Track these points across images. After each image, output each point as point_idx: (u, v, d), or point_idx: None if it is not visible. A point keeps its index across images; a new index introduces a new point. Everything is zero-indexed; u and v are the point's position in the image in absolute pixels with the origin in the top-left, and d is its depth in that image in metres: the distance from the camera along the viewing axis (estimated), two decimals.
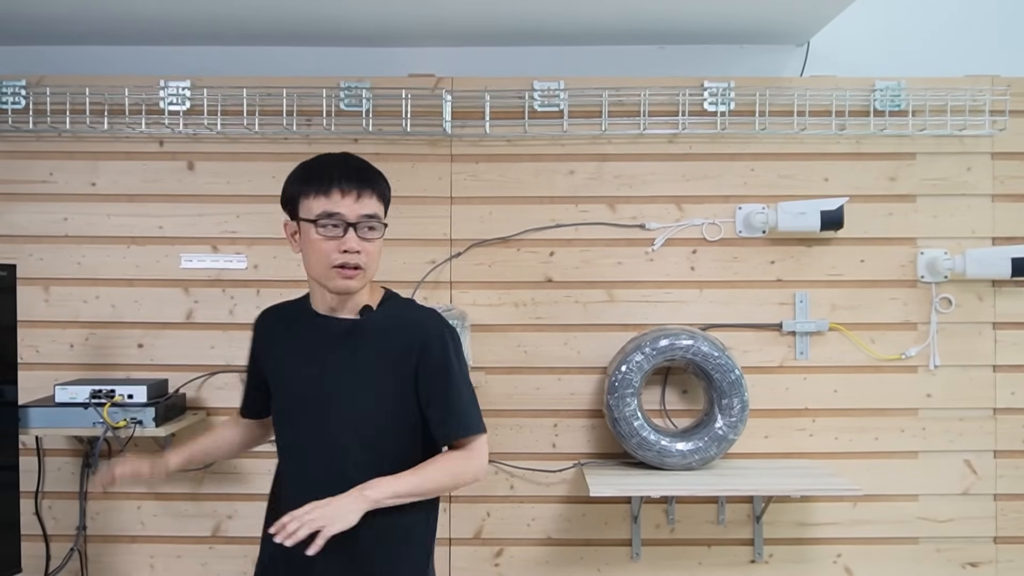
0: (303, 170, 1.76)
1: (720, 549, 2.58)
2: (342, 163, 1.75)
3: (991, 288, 2.58)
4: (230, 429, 1.98)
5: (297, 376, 1.76)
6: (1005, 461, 2.58)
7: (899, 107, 2.56)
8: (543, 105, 2.57)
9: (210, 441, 1.95)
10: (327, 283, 1.71)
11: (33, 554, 2.51)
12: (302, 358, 1.76)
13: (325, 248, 1.68)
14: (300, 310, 1.81)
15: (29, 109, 2.56)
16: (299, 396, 1.74)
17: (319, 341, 1.75)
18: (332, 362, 1.73)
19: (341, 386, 1.71)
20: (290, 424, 1.77)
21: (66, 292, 2.60)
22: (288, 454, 1.79)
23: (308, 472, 1.73)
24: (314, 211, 1.69)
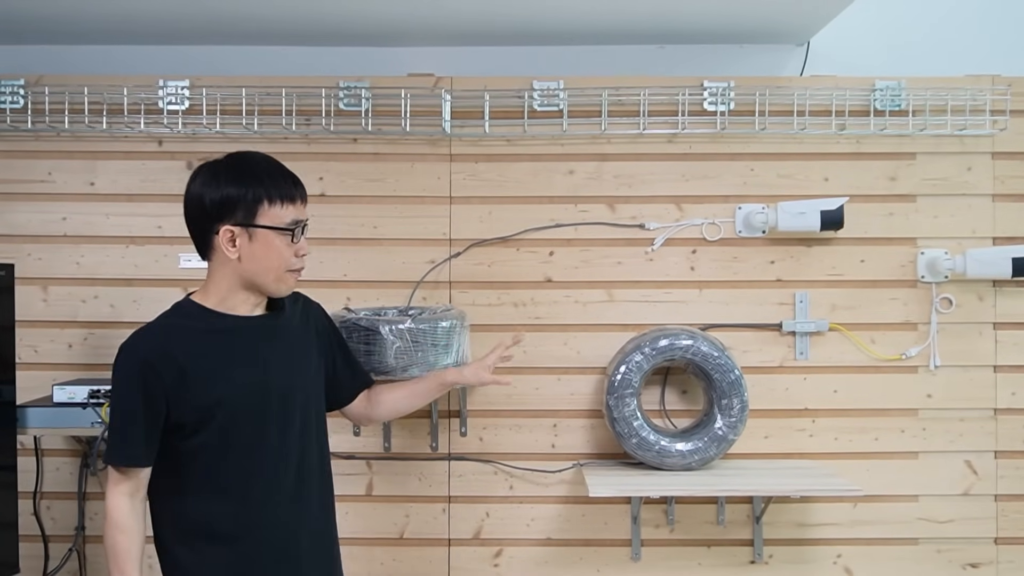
0: (253, 175, 1.72)
1: (720, 549, 2.57)
2: (282, 168, 1.77)
3: (992, 288, 2.57)
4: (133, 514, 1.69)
5: (239, 384, 1.70)
6: (1006, 462, 2.57)
7: (899, 107, 2.56)
8: (542, 105, 2.57)
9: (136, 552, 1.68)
10: (277, 285, 1.76)
11: (31, 554, 2.50)
12: (237, 363, 1.72)
13: (288, 254, 1.73)
14: (198, 321, 1.73)
15: (27, 108, 2.56)
16: (245, 404, 1.70)
17: (248, 343, 1.74)
18: (273, 358, 1.76)
19: (289, 377, 1.78)
20: (246, 438, 1.70)
21: (64, 292, 2.60)
22: (234, 470, 1.70)
23: (265, 478, 1.72)
24: (285, 219, 1.72)
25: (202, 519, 1.70)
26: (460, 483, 2.57)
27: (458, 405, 2.57)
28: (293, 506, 1.75)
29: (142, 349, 1.69)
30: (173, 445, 1.69)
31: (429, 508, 2.57)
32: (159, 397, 1.66)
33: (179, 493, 1.71)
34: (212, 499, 1.70)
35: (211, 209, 1.71)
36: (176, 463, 1.70)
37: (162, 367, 1.66)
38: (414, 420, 2.56)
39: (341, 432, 2.54)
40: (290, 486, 1.74)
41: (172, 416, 1.67)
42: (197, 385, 1.67)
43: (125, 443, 1.67)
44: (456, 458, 2.57)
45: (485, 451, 2.58)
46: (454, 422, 2.58)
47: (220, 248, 1.71)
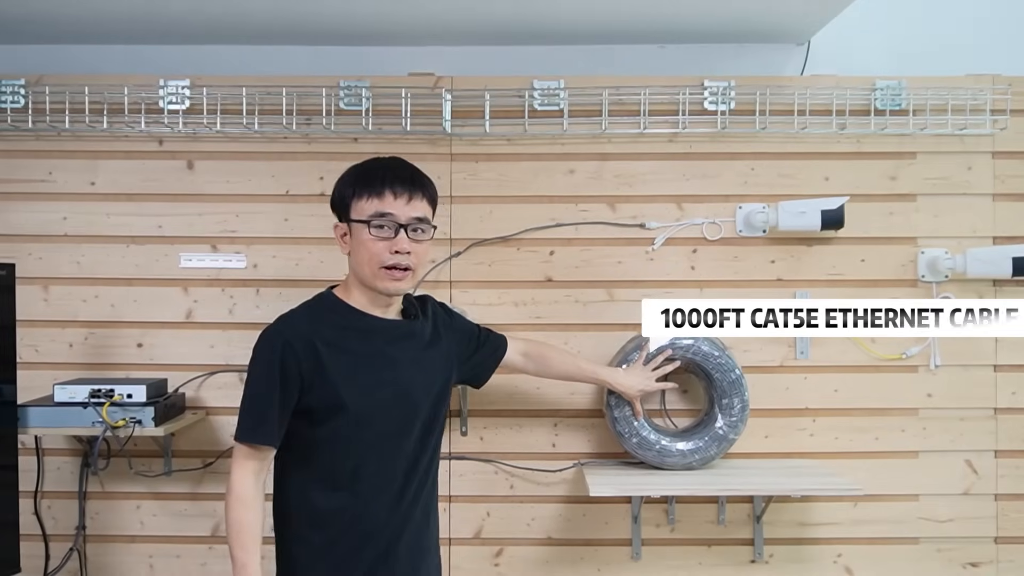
0: (355, 172, 1.83)
1: (720, 549, 2.57)
2: (394, 166, 1.83)
3: (992, 288, 2.57)
4: (257, 492, 1.76)
5: (370, 384, 1.77)
6: (1006, 461, 2.57)
7: (900, 106, 2.56)
8: (543, 104, 2.57)
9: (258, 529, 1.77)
10: (376, 284, 1.79)
11: (32, 554, 2.51)
12: (371, 366, 1.78)
13: (376, 249, 1.76)
14: (338, 315, 1.81)
15: (28, 108, 2.56)
16: (372, 404, 1.76)
17: (382, 345, 1.81)
18: (402, 363, 1.82)
19: (415, 384, 1.83)
20: (368, 434, 1.77)
21: (65, 291, 2.60)
22: (349, 465, 1.77)
23: (376, 477, 1.77)
24: (366, 212, 1.77)
25: (312, 508, 1.77)
26: (461, 482, 2.58)
27: (458, 404, 2.57)
28: (396, 509, 1.79)
29: (286, 332, 1.76)
30: (298, 431, 1.76)
31: None
32: (295, 380, 1.73)
33: (294, 480, 1.79)
34: (324, 490, 1.76)
35: (332, 207, 1.85)
36: (298, 450, 1.77)
37: (302, 352, 1.73)
38: None
39: None
40: (396, 489, 1.79)
41: (303, 401, 1.74)
42: (330, 377, 1.74)
43: (257, 421, 1.74)
44: (457, 457, 2.57)
45: (486, 450, 2.58)
46: (455, 421, 2.58)
47: (340, 245, 1.85)
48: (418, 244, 1.80)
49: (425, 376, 1.86)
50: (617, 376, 2.34)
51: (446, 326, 1.99)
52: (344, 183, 1.83)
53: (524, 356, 2.25)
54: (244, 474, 1.75)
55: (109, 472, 2.55)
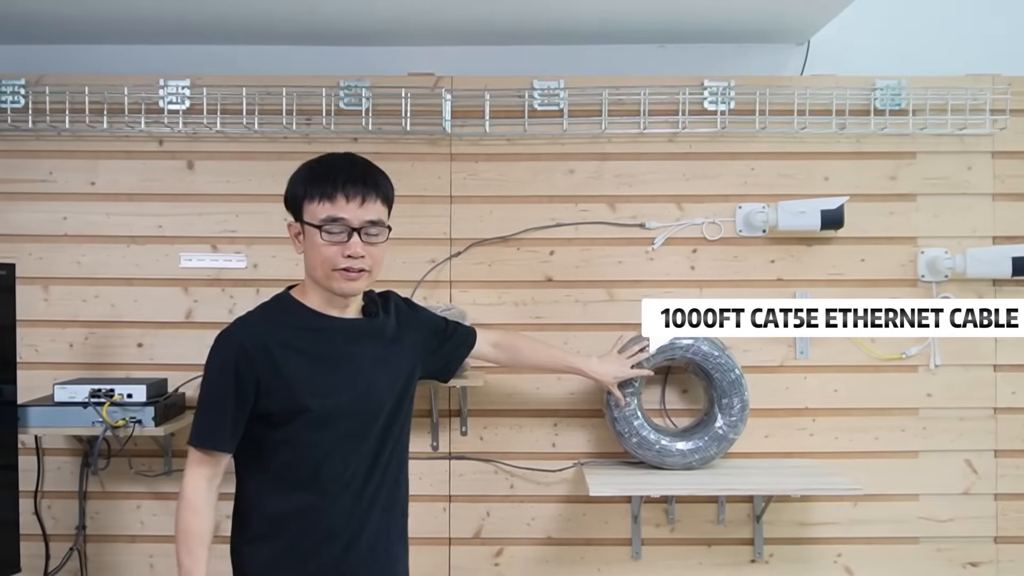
0: (307, 172, 1.77)
1: (720, 548, 2.57)
2: (347, 166, 1.76)
3: (992, 287, 2.57)
4: (209, 498, 1.76)
5: (330, 386, 1.74)
6: (1006, 461, 2.58)
7: (899, 106, 2.56)
8: (543, 104, 2.57)
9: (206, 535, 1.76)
10: (331, 285, 1.75)
11: (32, 553, 2.51)
12: (330, 366, 1.75)
13: (329, 253, 1.72)
14: (294, 316, 1.77)
15: (28, 108, 2.56)
16: (333, 406, 1.73)
17: (341, 345, 1.77)
18: (363, 362, 1.79)
19: (377, 382, 1.80)
20: (329, 436, 1.73)
21: (65, 291, 2.60)
22: (310, 466, 1.73)
23: (348, 475, 1.75)
24: (318, 216, 1.72)
25: (270, 509, 1.75)
26: (461, 482, 2.58)
27: (458, 404, 2.57)
28: (357, 504, 1.77)
29: (240, 336, 1.73)
30: (256, 434, 1.73)
31: (430, 507, 2.57)
32: (250, 385, 1.69)
33: (252, 483, 1.77)
34: (282, 491, 1.74)
35: (286, 204, 1.80)
36: (256, 452, 1.75)
37: (256, 355, 1.70)
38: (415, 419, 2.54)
39: None
40: (358, 485, 1.77)
41: (260, 406, 1.71)
42: (287, 380, 1.70)
43: (212, 427, 1.71)
44: (457, 457, 2.58)
45: (486, 450, 2.58)
46: (455, 421, 2.58)
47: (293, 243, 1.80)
48: (372, 247, 1.76)
49: (387, 374, 1.82)
50: (591, 364, 2.32)
51: (409, 320, 1.94)
52: (296, 182, 1.77)
53: (495, 347, 2.21)
54: (196, 479, 1.73)
55: (109, 472, 2.56)
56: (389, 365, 1.83)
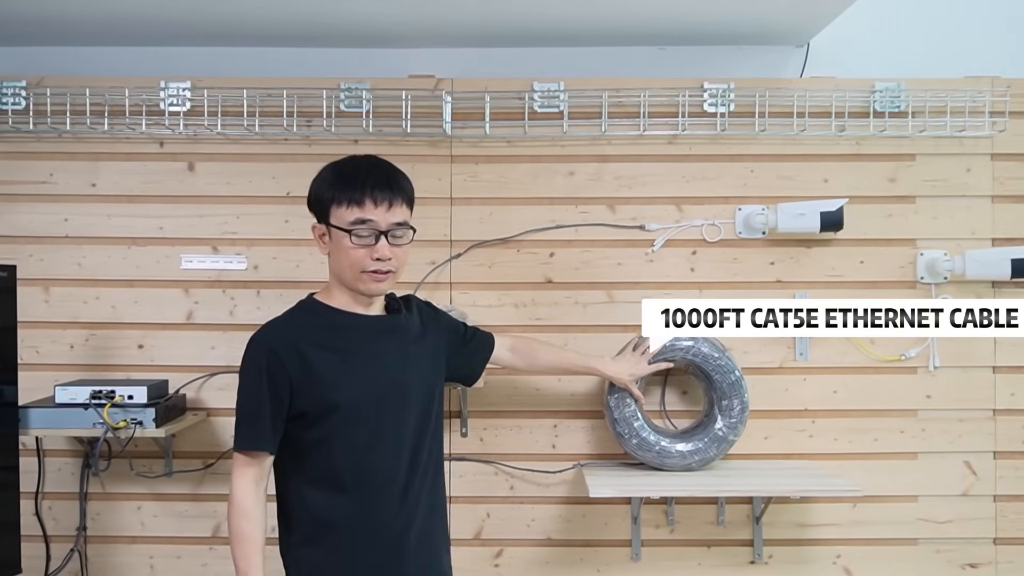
0: (334, 175, 1.81)
1: (720, 550, 2.58)
2: (373, 170, 1.80)
3: (991, 289, 2.58)
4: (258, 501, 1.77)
5: (359, 379, 1.78)
6: (1005, 462, 2.58)
7: (899, 108, 2.56)
8: (543, 106, 2.57)
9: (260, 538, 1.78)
10: (358, 286, 1.80)
11: (33, 555, 2.51)
12: (358, 362, 1.78)
13: (358, 256, 1.77)
14: (320, 317, 1.81)
15: (29, 110, 2.56)
16: (364, 399, 1.77)
17: (368, 340, 1.81)
18: (391, 356, 1.82)
19: (406, 375, 1.83)
20: (364, 432, 1.76)
21: (66, 293, 2.60)
22: (349, 464, 1.76)
23: (378, 474, 1.78)
24: (347, 219, 1.76)
25: (315, 511, 1.76)
26: (461, 483, 2.58)
27: (458, 406, 2.57)
28: (402, 503, 1.79)
29: (269, 339, 1.78)
30: (295, 436, 1.76)
31: None
32: (284, 385, 1.74)
33: (296, 484, 1.79)
34: (326, 492, 1.76)
35: (310, 206, 1.84)
36: (296, 454, 1.77)
37: (287, 357, 1.74)
38: None
39: None
40: (400, 483, 1.79)
41: (295, 405, 1.74)
42: (319, 377, 1.74)
43: (252, 429, 1.75)
44: (457, 458, 2.58)
45: (486, 452, 2.58)
46: (455, 422, 2.58)
47: (319, 244, 1.83)
48: (398, 248, 1.80)
49: (414, 369, 1.85)
50: (607, 364, 2.34)
51: (433, 321, 1.99)
52: (323, 185, 1.81)
53: (512, 352, 2.24)
54: (244, 483, 1.76)
55: (110, 473, 2.56)
56: (415, 361, 1.86)
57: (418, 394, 1.85)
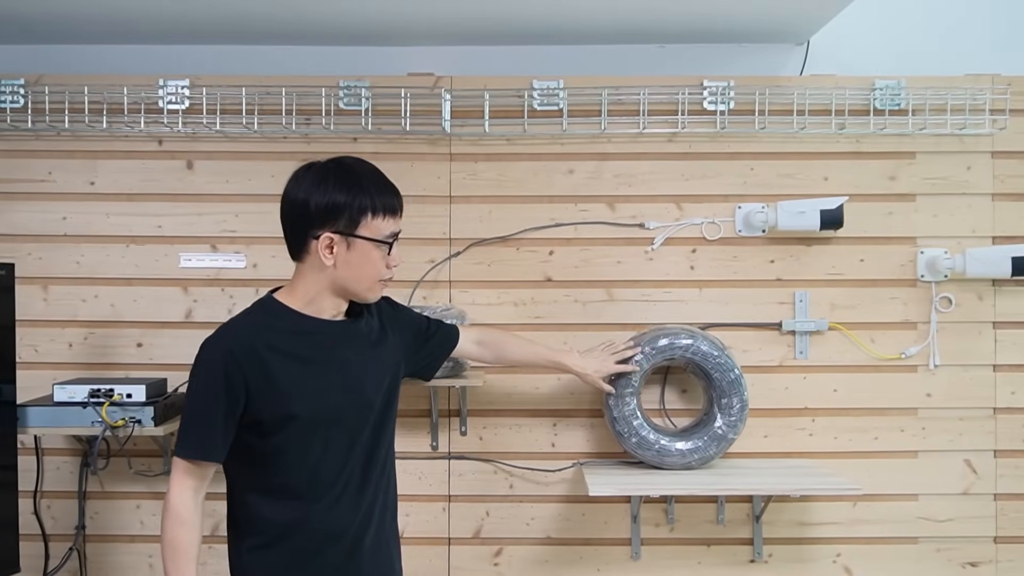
0: (358, 184, 1.71)
1: (719, 548, 2.57)
2: (386, 178, 1.77)
3: (991, 287, 2.57)
4: (196, 510, 1.71)
5: (320, 389, 1.71)
6: (1005, 461, 2.58)
7: (899, 106, 2.56)
8: (542, 104, 2.57)
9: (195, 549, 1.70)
10: (368, 295, 1.76)
11: (32, 554, 2.51)
12: (320, 370, 1.72)
13: (381, 266, 1.73)
14: (283, 320, 1.73)
15: (27, 108, 2.56)
16: (324, 408, 1.71)
17: (330, 346, 1.75)
18: (354, 363, 1.77)
19: (367, 382, 1.78)
20: (321, 440, 1.71)
21: (65, 291, 2.60)
22: (304, 472, 1.70)
23: (335, 480, 1.73)
24: (384, 231, 1.72)
25: (268, 518, 1.71)
26: (460, 482, 2.58)
27: (458, 404, 2.57)
28: (358, 507, 1.75)
29: (227, 342, 1.68)
30: (247, 443, 1.69)
31: (429, 507, 2.57)
32: (239, 392, 1.65)
33: (248, 492, 1.72)
34: (279, 499, 1.71)
35: (315, 214, 1.68)
36: (247, 461, 1.71)
37: (246, 362, 1.65)
38: (414, 419, 2.56)
39: None
40: (356, 487, 1.75)
41: (250, 412, 1.67)
42: (279, 385, 1.67)
43: (200, 436, 1.67)
44: (456, 457, 2.58)
45: (485, 450, 2.58)
46: (454, 421, 2.58)
47: (316, 253, 1.70)
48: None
49: (375, 373, 1.80)
50: (573, 358, 2.30)
51: (392, 320, 1.92)
52: (351, 193, 1.69)
53: (479, 344, 2.19)
54: (183, 491, 1.68)
55: (109, 472, 2.56)
56: (375, 365, 1.81)
57: (377, 398, 1.79)
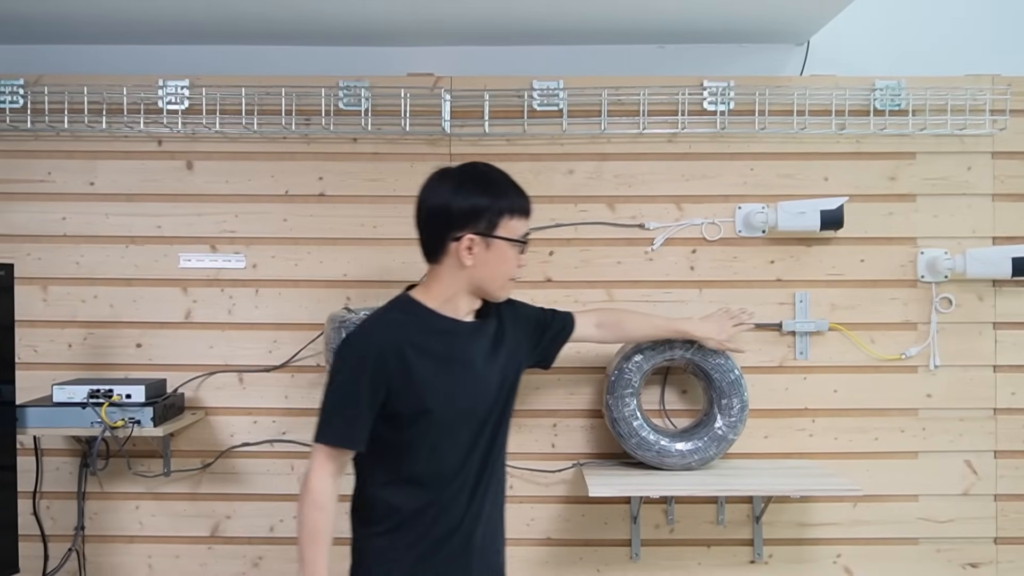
0: (495, 188, 1.81)
1: (719, 549, 2.57)
2: (517, 183, 1.86)
3: (991, 288, 2.57)
4: (333, 496, 1.77)
5: (453, 386, 1.78)
6: (1005, 461, 2.57)
7: (899, 106, 2.56)
8: (542, 104, 2.57)
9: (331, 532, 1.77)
10: (499, 293, 1.85)
11: (31, 554, 2.51)
12: (452, 369, 1.79)
13: (512, 264, 1.83)
14: (421, 319, 1.80)
15: (27, 108, 2.56)
16: (455, 405, 1.78)
17: (462, 345, 1.82)
18: (483, 363, 1.84)
19: (494, 382, 1.85)
20: (450, 441, 1.78)
21: (64, 292, 2.59)
22: (430, 464, 1.77)
23: (466, 473, 1.80)
24: (519, 232, 1.82)
25: (392, 506, 1.77)
26: None
27: None
28: (471, 502, 1.81)
29: (375, 338, 1.76)
30: (381, 434, 1.76)
31: None
32: (382, 386, 1.72)
33: (376, 481, 1.79)
34: (404, 488, 1.77)
35: (457, 217, 1.77)
36: (379, 452, 1.77)
37: (391, 357, 1.73)
38: None
39: None
40: (472, 484, 1.81)
41: (389, 405, 1.74)
42: (417, 381, 1.74)
43: (345, 424, 1.74)
44: None
45: None
46: None
47: (455, 254, 1.78)
48: None
49: (501, 372, 1.88)
50: (696, 325, 2.36)
51: (513, 317, 1.98)
52: (491, 197, 1.79)
53: (599, 327, 2.26)
54: (323, 476, 1.74)
55: (108, 472, 2.56)
56: (498, 365, 1.87)
57: (501, 396, 1.87)
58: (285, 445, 2.57)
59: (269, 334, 2.58)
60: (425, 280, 1.86)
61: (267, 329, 2.58)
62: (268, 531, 2.58)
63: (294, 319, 2.57)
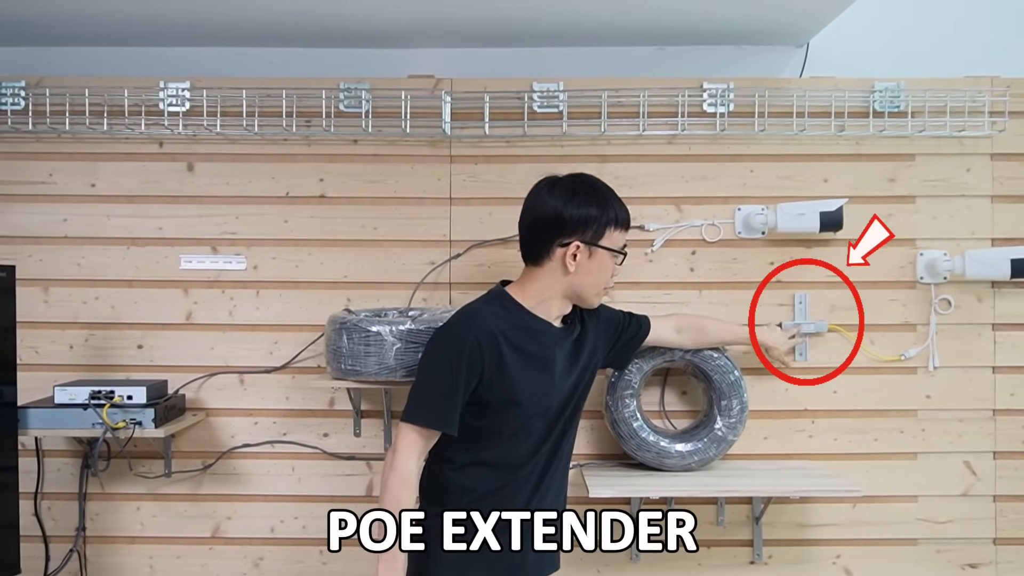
0: (604, 199, 1.92)
1: (719, 550, 2.57)
2: (620, 197, 1.97)
3: (990, 289, 2.58)
4: (418, 475, 1.87)
5: (536, 382, 1.90)
6: (1005, 462, 2.58)
7: (898, 108, 2.56)
8: (542, 106, 2.57)
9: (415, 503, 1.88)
10: (593, 300, 1.97)
11: (32, 555, 2.51)
12: (538, 366, 1.90)
13: (609, 273, 1.95)
14: (516, 316, 1.90)
15: (28, 110, 2.56)
16: (537, 400, 1.90)
17: (551, 348, 1.93)
18: (564, 367, 1.95)
19: (570, 386, 1.97)
20: (526, 432, 1.91)
21: (65, 293, 2.60)
22: (504, 451, 1.90)
23: (535, 462, 1.93)
24: (619, 243, 1.94)
25: (463, 488, 1.90)
26: None
27: None
28: (536, 490, 1.94)
29: (474, 326, 1.85)
30: (464, 420, 1.85)
31: None
32: (476, 373, 1.83)
33: (451, 463, 1.91)
34: (476, 472, 1.90)
35: (568, 223, 1.88)
36: (461, 436, 1.86)
37: (488, 349, 1.83)
38: None
39: (341, 433, 2.55)
40: (539, 473, 1.94)
41: (478, 393, 1.84)
42: (507, 373, 1.85)
43: (439, 407, 1.83)
44: None
45: None
46: None
47: (559, 259, 1.90)
48: None
49: (574, 376, 1.98)
50: (764, 333, 2.43)
51: (595, 322, 2.07)
52: (601, 207, 1.90)
53: (679, 332, 2.34)
54: (411, 454, 1.82)
55: (109, 473, 2.56)
56: (576, 368, 1.98)
57: (575, 396, 1.99)
58: (286, 446, 2.58)
59: (270, 335, 2.59)
60: (521, 279, 1.96)
61: (268, 330, 2.59)
62: (269, 532, 2.59)
63: (295, 320, 2.58)
